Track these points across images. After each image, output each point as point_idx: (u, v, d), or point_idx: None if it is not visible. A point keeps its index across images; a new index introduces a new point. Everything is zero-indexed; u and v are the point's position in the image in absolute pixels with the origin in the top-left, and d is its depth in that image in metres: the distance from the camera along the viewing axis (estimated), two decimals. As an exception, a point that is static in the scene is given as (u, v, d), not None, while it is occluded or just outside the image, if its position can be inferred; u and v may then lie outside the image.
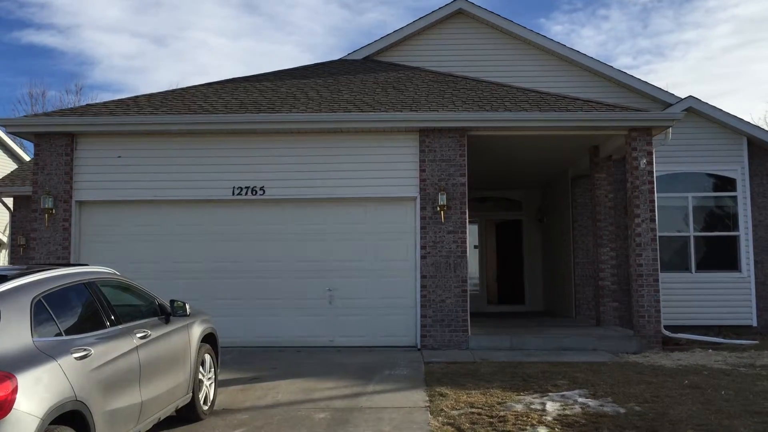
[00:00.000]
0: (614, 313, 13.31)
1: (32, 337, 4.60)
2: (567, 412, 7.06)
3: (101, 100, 27.25)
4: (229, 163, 11.72)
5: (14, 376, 4.19)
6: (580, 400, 7.49)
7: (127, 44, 58.71)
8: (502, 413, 7.02)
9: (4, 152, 25.55)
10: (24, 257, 17.51)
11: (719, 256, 15.26)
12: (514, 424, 6.63)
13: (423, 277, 11.41)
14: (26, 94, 61.28)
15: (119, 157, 11.70)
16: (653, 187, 11.39)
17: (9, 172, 19.40)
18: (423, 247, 11.45)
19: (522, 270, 19.25)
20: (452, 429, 6.56)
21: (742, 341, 11.63)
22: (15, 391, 4.15)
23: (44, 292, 4.96)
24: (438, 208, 11.40)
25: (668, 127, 11.49)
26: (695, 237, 15.24)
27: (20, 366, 4.31)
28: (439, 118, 11.46)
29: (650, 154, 11.38)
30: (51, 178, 11.55)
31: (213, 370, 7.64)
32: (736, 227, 15.18)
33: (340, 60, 16.18)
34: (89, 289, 5.59)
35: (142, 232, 11.81)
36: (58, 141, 11.59)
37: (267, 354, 10.97)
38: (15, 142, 26.94)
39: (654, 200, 11.38)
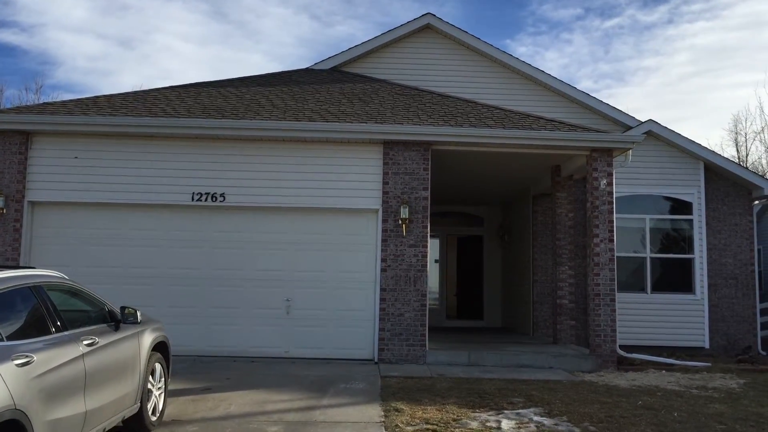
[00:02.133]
0: (571, 331, 13.40)
1: (-29, 342, 4.40)
2: (522, 430, 7.02)
3: (61, 99, 26.79)
4: (189, 168, 11.52)
5: (-52, 383, 3.99)
6: (535, 418, 7.47)
7: (91, 45, 57.73)
8: (456, 430, 6.96)
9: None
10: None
11: (675, 277, 15.50)
12: (468, 442, 6.57)
13: (383, 290, 11.33)
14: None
15: (76, 157, 11.40)
16: (612, 208, 11.51)
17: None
18: (384, 260, 11.38)
19: (482, 286, 19.30)
20: (406, 445, 6.48)
21: (695, 363, 11.79)
22: (-51, 398, 3.96)
23: (-14, 295, 4.76)
24: (400, 221, 11.35)
25: (628, 149, 11.64)
26: (652, 258, 15.45)
27: (-44, 372, 4.11)
28: (403, 131, 11.43)
29: (610, 175, 11.51)
30: (2, 176, 11.21)
31: (163, 379, 7.44)
32: (691, 250, 15.44)
33: (306, 69, 16.09)
34: (35, 293, 5.38)
35: (96, 236, 11.52)
36: (11, 139, 11.26)
37: (221, 363, 10.76)
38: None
39: (613, 221, 11.50)
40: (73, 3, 56.65)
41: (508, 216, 18.55)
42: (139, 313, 6.66)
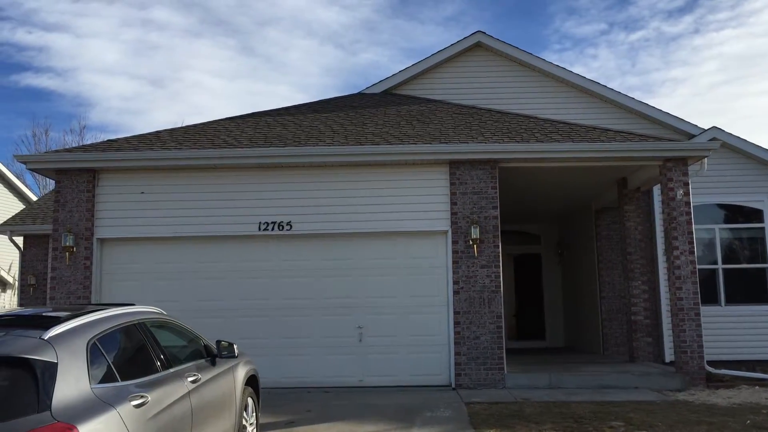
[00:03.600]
0: (648, 348, 12.94)
1: (89, 383, 4.24)
2: (634, 456, 6.66)
3: (100, 139, 27.09)
4: (255, 198, 11.43)
5: (76, 428, 3.83)
6: (644, 442, 7.10)
7: (124, 86, 59.01)
8: (564, 458, 6.62)
9: (11, 191, 25.27)
10: (33, 297, 17.11)
11: (749, 288, 14.92)
12: (581, 470, 6.24)
13: (456, 313, 11.04)
14: (27, 135, 61.16)
15: (142, 193, 11.39)
16: (691, 219, 11.11)
17: (16, 212, 19.10)
18: (456, 282, 11.10)
19: (542, 305, 18.87)
20: (518, 476, 6.17)
21: (790, 377, 11.23)
22: (78, 444, 3.79)
23: (98, 334, 4.61)
24: (470, 242, 11.09)
25: (704, 157, 11.27)
26: (724, 269, 14.92)
27: (81, 416, 3.95)
28: (469, 149, 11.22)
29: (686, 184, 11.13)
30: (72, 215, 11.22)
31: (255, 414, 7.25)
32: (765, 259, 14.88)
33: (359, 94, 16.01)
34: (140, 330, 5.25)
35: (163, 270, 11.45)
36: (79, 177, 11.29)
37: (295, 395, 10.54)
38: (21, 182, 26.69)
39: (692, 232, 11.09)
40: (104, 46, 58.00)
41: (566, 233, 18.15)
42: (235, 347, 6.50)
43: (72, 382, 4.11)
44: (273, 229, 11.37)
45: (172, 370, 5.31)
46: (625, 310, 14.72)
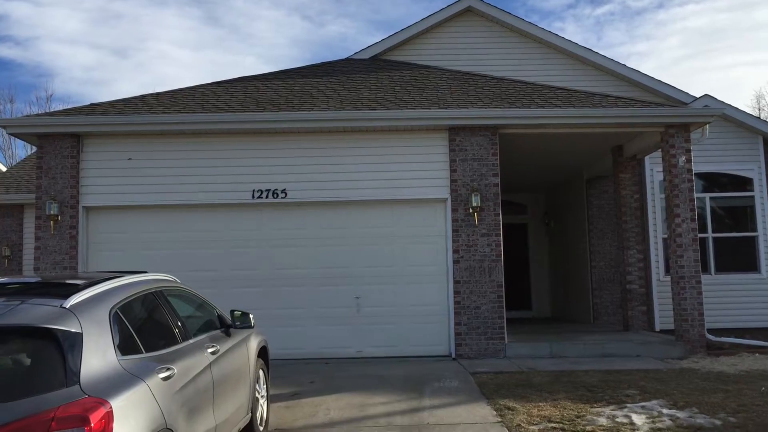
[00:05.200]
0: (643, 317, 12.90)
1: (116, 355, 3.91)
2: (658, 425, 6.52)
3: (66, 107, 26.13)
4: (248, 165, 11.02)
5: (108, 403, 3.51)
6: (665, 411, 6.97)
7: (86, 56, 57.34)
8: (588, 428, 6.46)
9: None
10: (9, 270, 16.51)
11: (738, 257, 14.95)
12: (609, 440, 6.08)
13: (456, 282, 10.83)
14: (-12, 102, 59.04)
15: (129, 159, 10.91)
16: (692, 186, 11.01)
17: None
18: (456, 251, 10.87)
19: (528, 275, 18.79)
20: (547, 447, 5.99)
21: (789, 344, 11.26)
22: (111, 419, 3.47)
23: (119, 302, 4.27)
24: (471, 210, 10.84)
25: (707, 123, 11.14)
26: (714, 238, 14.92)
27: (111, 390, 3.63)
28: (470, 115, 10.93)
29: (689, 151, 11.00)
30: (56, 182, 10.71)
31: (266, 386, 6.96)
32: (754, 227, 14.91)
33: (347, 59, 15.56)
34: (158, 298, 4.90)
35: (153, 239, 11.03)
36: (63, 142, 10.76)
37: (294, 367, 10.27)
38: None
39: (694, 199, 10.99)
40: (66, 15, 56.19)
41: (554, 202, 18.03)
42: (251, 317, 6.18)
43: (98, 354, 3.78)
44: (267, 196, 10.99)
45: (191, 341, 5.00)
46: (616, 279, 14.69)
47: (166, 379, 4.19)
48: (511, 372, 9.47)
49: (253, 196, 11.00)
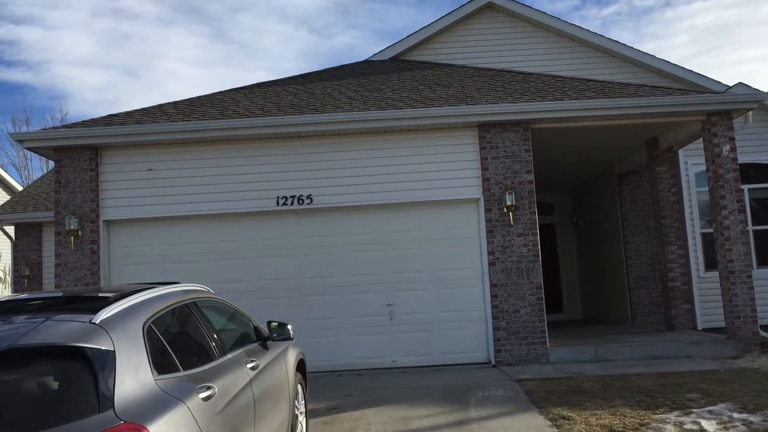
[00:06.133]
0: (687, 315, 12.34)
1: (152, 374, 3.47)
2: (731, 431, 6.01)
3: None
4: (271, 171, 10.62)
5: (146, 429, 3.08)
6: (736, 416, 6.45)
7: (97, 77, 57.57)
8: (655, 436, 5.96)
9: (-5, 181, 24.14)
10: (29, 289, 16.20)
11: (781, 250, 14.38)
12: (682, 449, 5.57)
13: (493, 285, 10.35)
14: (7, 125, 59.41)
15: (150, 169, 10.55)
16: (738, 175, 10.47)
17: (2, 202, 18.12)
18: (491, 253, 10.40)
19: (558, 277, 18.24)
20: (616, 459, 5.49)
21: None
22: (150, 448, 3.04)
23: (152, 316, 3.84)
24: (505, 209, 10.37)
25: (750, 109, 10.60)
26: (754, 231, 14.33)
27: (149, 414, 3.20)
28: (500, 110, 10.46)
29: (732, 139, 10.48)
30: (75, 196, 10.35)
31: (304, 401, 6.52)
32: (795, 219, 14.33)
33: (366, 61, 15.17)
34: (192, 311, 4.48)
35: (177, 252, 10.64)
36: (81, 155, 10.41)
37: (328, 379, 9.82)
38: (5, 171, 25.55)
39: (741, 189, 10.47)
40: (76, 37, 56.45)
41: (581, 200, 17.51)
42: (290, 328, 5.75)
43: (133, 374, 3.35)
44: (292, 203, 10.58)
45: (229, 356, 4.57)
46: (654, 277, 14.14)
47: (206, 399, 3.76)
48: (558, 378, 8.96)
49: (277, 203, 10.59)
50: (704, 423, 6.27)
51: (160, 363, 3.62)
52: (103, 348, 3.27)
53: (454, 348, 10.47)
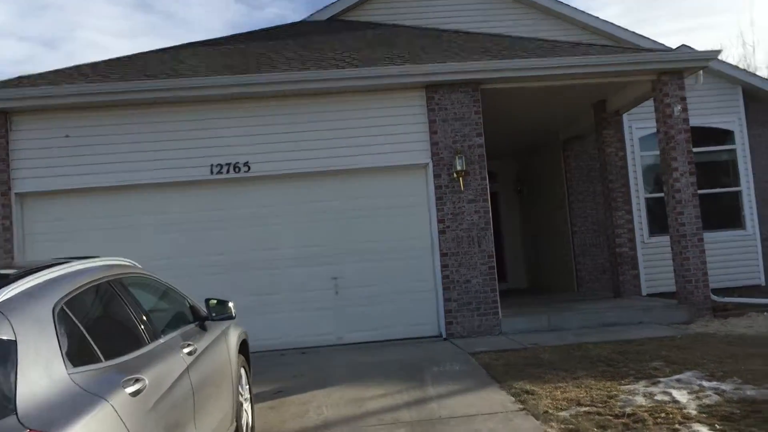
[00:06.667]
0: (634, 281, 12.20)
1: (65, 367, 2.80)
2: (706, 401, 5.68)
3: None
4: (204, 137, 9.82)
5: (56, 439, 2.42)
6: (706, 384, 6.14)
7: (14, 49, 54.36)
8: (627, 410, 5.58)
9: None
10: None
11: (722, 214, 14.39)
12: (658, 425, 5.20)
13: (443, 255, 9.87)
14: None
15: (67, 136, 9.58)
16: (689, 137, 10.25)
17: None
18: (441, 221, 9.91)
19: (501, 245, 17.95)
20: (591, 437, 5.09)
21: (798, 301, 10.65)
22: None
23: (65, 297, 3.14)
24: (455, 175, 9.88)
25: (702, 68, 10.36)
26: (699, 195, 14.25)
27: (62, 417, 2.55)
28: (449, 69, 9.91)
29: (684, 99, 10.22)
30: (-18, 166, 9.32)
31: (248, 386, 5.89)
32: (737, 182, 14.36)
33: (302, 22, 14.36)
34: (116, 289, 3.77)
35: (99, 226, 9.75)
36: (-13, 120, 9.37)
37: (270, 359, 9.19)
38: None
39: (692, 151, 10.24)
40: (-12, 8, 53.04)
41: (526, 168, 17.22)
42: (231, 305, 5.10)
43: (41, 368, 2.69)
44: (228, 171, 9.82)
45: (162, 341, 3.90)
46: (599, 243, 13.98)
47: (135, 393, 3.11)
48: (514, 349, 8.58)
49: (211, 172, 9.81)
50: (675, 393, 5.94)
51: (76, 353, 2.95)
52: (2, 337, 2.59)
53: (403, 321, 9.98)
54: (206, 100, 9.78)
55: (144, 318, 3.85)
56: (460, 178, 9.88)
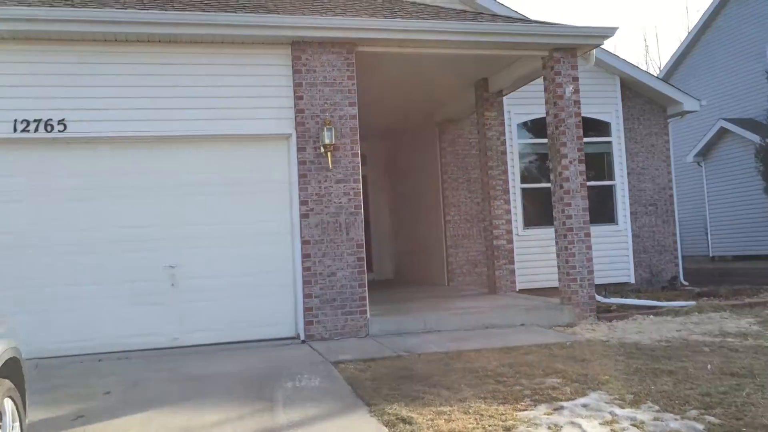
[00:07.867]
0: (511, 277, 11.29)
1: None
2: (623, 436, 4.59)
3: None
4: (6, 85, 7.73)
5: None
6: (619, 412, 5.04)
7: None
8: (532, 449, 4.38)
9: None
10: None
11: (596, 208, 13.81)
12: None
13: (305, 242, 8.38)
14: None
15: None
16: (580, 122, 9.35)
17: None
18: (304, 202, 8.41)
19: (369, 233, 16.72)
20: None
21: (681, 303, 10.04)
22: None
23: None
24: (322, 149, 8.41)
25: (596, 46, 9.47)
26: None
27: None
28: (320, 24, 8.41)
29: (576, 80, 9.30)
30: None
31: (19, 424, 4.12)
32: (611, 176, 13.89)
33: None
34: None
35: None
36: None
37: (82, 366, 7.36)
38: None
39: (582, 137, 9.35)
40: None
41: (397, 151, 16.06)
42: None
43: None
44: (36, 129, 7.79)
45: None
46: (472, 235, 13.06)
47: None
48: (385, 358, 7.25)
49: (15, 129, 7.75)
50: (585, 425, 4.81)
51: None
52: None
53: (254, 320, 8.41)
54: (10, 39, 7.69)
55: None
56: (329, 154, 8.42)
